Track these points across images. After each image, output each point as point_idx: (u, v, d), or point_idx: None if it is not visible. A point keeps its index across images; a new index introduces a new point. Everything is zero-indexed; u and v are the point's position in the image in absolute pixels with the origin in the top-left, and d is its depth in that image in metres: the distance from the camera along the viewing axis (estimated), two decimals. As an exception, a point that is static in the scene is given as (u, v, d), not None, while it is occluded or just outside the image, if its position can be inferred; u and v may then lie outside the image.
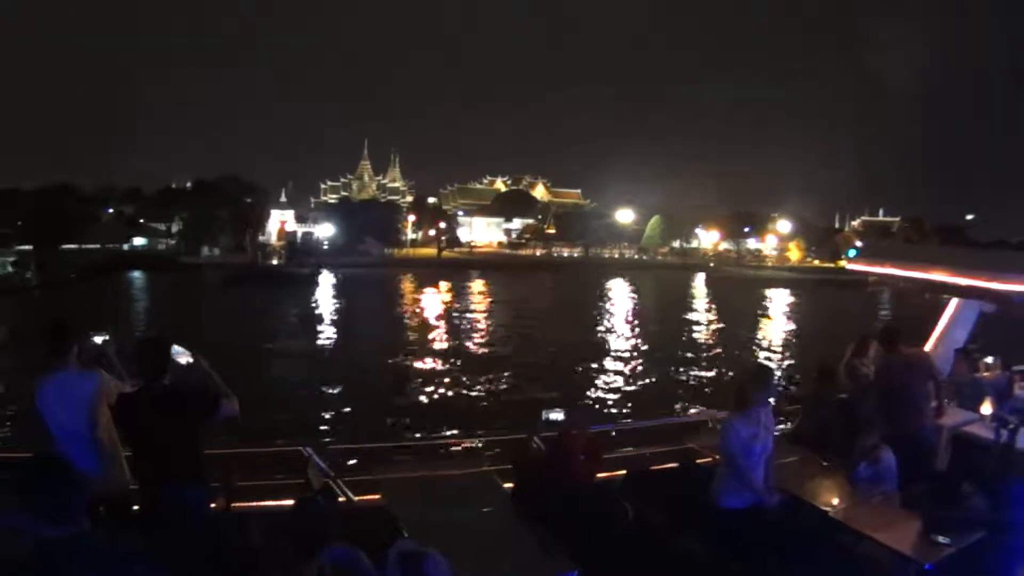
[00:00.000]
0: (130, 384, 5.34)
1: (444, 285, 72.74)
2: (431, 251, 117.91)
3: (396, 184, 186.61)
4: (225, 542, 4.98)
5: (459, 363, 30.84)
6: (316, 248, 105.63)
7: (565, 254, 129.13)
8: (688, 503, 6.34)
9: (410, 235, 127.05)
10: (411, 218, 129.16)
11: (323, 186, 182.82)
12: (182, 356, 5.12)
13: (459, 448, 8.01)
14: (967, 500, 5.92)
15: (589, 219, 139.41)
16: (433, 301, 60.57)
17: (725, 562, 5.80)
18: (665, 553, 5.88)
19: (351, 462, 7.87)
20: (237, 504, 6.14)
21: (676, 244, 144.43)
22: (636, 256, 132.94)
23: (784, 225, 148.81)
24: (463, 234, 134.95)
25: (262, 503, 6.47)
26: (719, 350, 37.52)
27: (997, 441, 7.25)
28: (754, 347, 39.86)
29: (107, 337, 5.61)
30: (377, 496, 6.49)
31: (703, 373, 30.65)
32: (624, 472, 7.59)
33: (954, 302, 11.26)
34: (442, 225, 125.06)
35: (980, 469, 6.88)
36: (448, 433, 17.51)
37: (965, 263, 9.14)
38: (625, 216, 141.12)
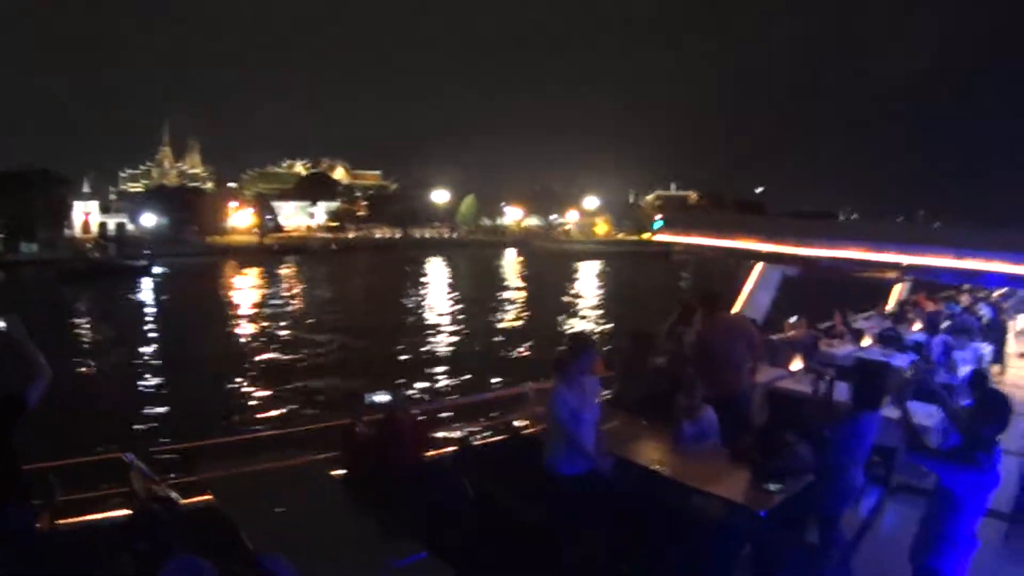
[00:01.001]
0: None
1: (271, 272, 70.73)
2: (251, 238, 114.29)
3: (197, 171, 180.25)
4: (58, 563, 4.63)
5: (280, 351, 29.87)
6: (140, 239, 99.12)
7: (377, 235, 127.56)
8: (521, 473, 6.30)
9: (230, 222, 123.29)
10: (233, 204, 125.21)
11: (122, 174, 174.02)
12: None
13: (283, 438, 7.53)
14: (791, 449, 6.04)
15: (403, 200, 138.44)
16: (258, 288, 58.50)
17: (566, 528, 5.77)
18: (508, 524, 5.81)
19: (174, 464, 7.34)
20: (62, 520, 5.63)
21: (486, 222, 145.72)
22: (450, 235, 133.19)
23: (591, 201, 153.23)
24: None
25: (87, 517, 5.91)
26: (536, 322, 38.03)
27: (816, 392, 7.55)
28: (569, 318, 40.70)
29: None
30: (207, 496, 6.06)
31: (522, 346, 30.81)
32: (454, 449, 7.46)
33: (758, 267, 11.72)
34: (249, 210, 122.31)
35: (800, 420, 7.10)
36: (266, 423, 16.96)
37: (770, 231, 9.51)
38: (440, 196, 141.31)
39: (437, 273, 73.33)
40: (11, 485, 4.54)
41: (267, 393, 22.39)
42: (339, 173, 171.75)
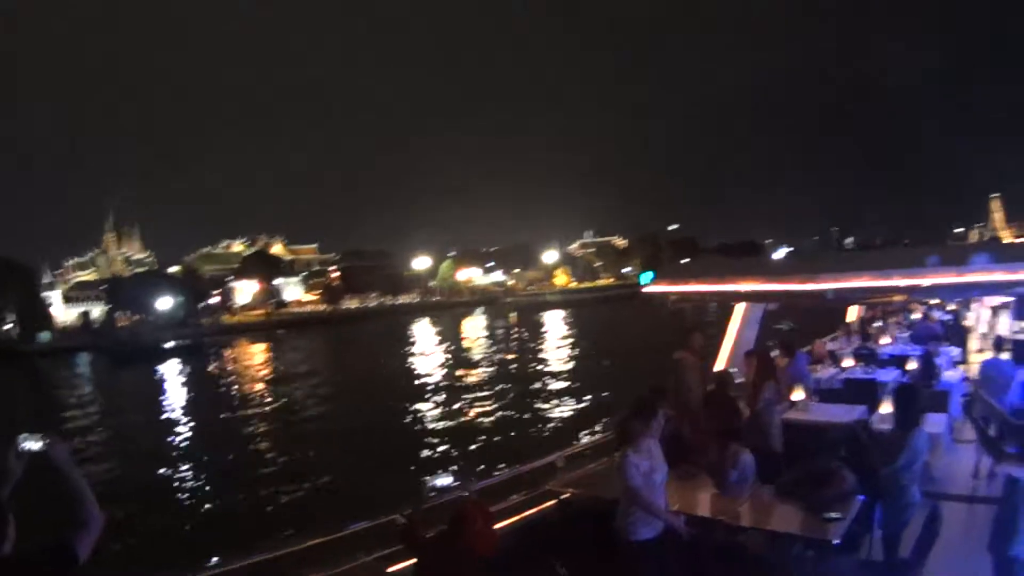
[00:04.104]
0: None
1: (285, 347, 69.71)
2: (256, 316, 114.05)
3: (142, 256, 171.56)
4: None
5: (311, 437, 26.56)
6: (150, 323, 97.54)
7: (371, 304, 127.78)
8: (591, 542, 5.92)
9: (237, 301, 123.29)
10: (238, 285, 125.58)
11: (68, 263, 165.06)
12: (32, 443, 3.46)
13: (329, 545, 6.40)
14: (838, 476, 5.89)
15: (380, 270, 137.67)
16: (279, 365, 55.55)
17: None
18: None
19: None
20: None
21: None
22: (431, 299, 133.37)
23: (550, 255, 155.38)
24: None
25: None
26: (555, 384, 34.50)
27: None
28: (579, 375, 36.83)
29: None
30: None
31: (540, 411, 28.05)
32: (507, 524, 6.64)
33: (740, 307, 11.49)
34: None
35: (827, 447, 6.91)
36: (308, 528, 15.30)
37: (773, 270, 9.34)
38: (422, 263, 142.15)
39: (430, 337, 71.10)
40: None
41: (304, 492, 19.35)
42: (278, 249, 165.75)
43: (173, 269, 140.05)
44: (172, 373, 54.18)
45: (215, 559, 5.83)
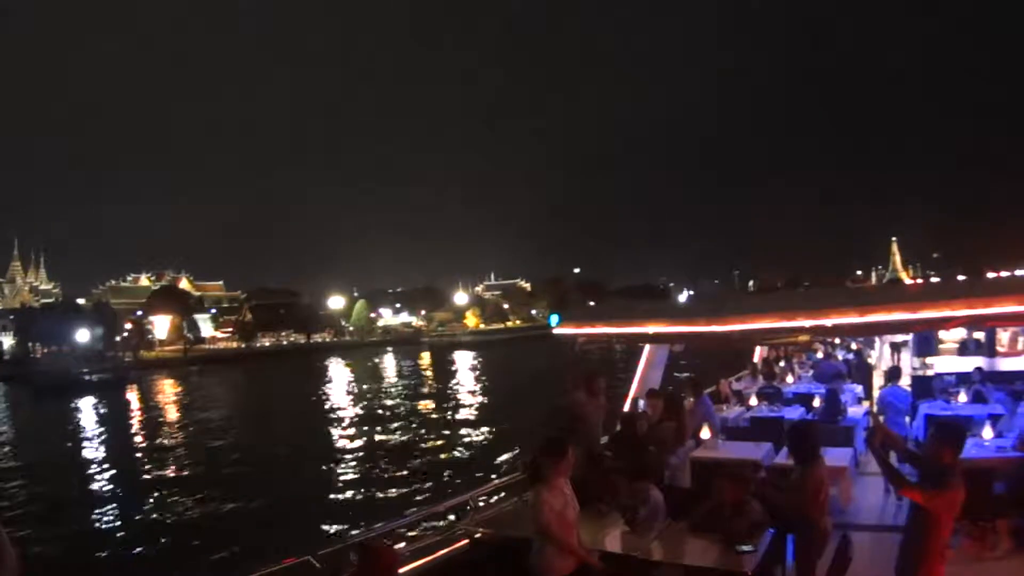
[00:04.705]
0: None
1: (203, 382, 68.05)
2: (174, 351, 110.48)
3: (47, 287, 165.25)
4: None
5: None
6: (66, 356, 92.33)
7: (285, 343, 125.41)
8: None
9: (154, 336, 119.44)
10: (155, 320, 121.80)
11: None
12: None
13: None
14: (748, 508, 5.94)
15: (298, 309, 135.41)
16: (192, 400, 54.63)
17: None
18: None
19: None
20: None
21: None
22: (345, 338, 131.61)
23: (461, 297, 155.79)
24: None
25: None
26: (467, 421, 35.23)
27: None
28: (493, 414, 37.14)
29: None
30: None
31: (453, 447, 28.24)
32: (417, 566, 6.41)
33: (647, 348, 11.53)
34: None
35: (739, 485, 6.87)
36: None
37: (679, 313, 9.37)
38: (336, 303, 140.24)
39: (345, 376, 70.48)
40: None
41: (220, 531, 19.10)
42: (184, 284, 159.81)
43: (80, 301, 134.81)
44: (98, 407, 52.66)
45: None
